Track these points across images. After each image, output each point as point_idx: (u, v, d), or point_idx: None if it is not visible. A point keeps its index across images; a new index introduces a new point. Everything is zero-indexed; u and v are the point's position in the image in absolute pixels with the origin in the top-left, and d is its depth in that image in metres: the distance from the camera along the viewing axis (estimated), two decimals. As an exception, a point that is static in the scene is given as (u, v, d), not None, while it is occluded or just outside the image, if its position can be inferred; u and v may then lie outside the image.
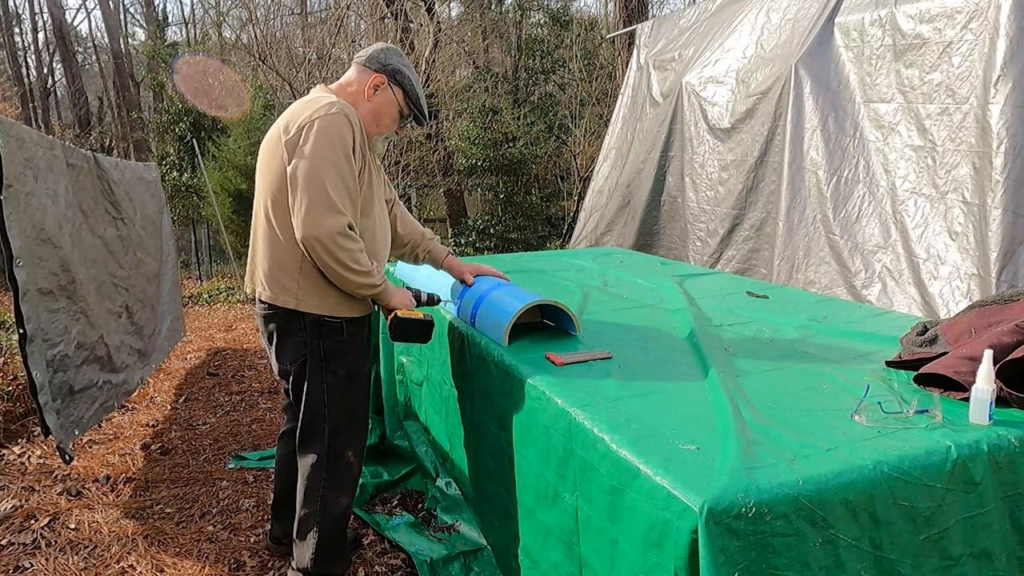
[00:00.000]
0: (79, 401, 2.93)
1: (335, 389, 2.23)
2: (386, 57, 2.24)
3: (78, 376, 2.92)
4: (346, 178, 2.06)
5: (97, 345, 3.18)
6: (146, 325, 4.02)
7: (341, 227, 2.02)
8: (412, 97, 2.27)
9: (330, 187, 2.01)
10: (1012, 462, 1.52)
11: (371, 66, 2.23)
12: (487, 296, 2.39)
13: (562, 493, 1.78)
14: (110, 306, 3.47)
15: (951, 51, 3.40)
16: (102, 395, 3.18)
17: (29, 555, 2.70)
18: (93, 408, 3.06)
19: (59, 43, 18.34)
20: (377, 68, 2.22)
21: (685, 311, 2.60)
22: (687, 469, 1.41)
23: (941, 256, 3.34)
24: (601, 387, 1.86)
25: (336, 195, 2.02)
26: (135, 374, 3.71)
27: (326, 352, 2.19)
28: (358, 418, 2.33)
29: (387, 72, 2.22)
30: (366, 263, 2.10)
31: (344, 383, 2.24)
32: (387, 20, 11.57)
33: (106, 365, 3.27)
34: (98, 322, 3.22)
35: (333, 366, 2.21)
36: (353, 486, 2.37)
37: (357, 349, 2.26)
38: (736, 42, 4.82)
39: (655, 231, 5.49)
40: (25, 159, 2.59)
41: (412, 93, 2.26)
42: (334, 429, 2.25)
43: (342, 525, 2.34)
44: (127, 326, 3.69)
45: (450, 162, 11.52)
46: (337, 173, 2.04)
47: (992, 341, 1.73)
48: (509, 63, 13.33)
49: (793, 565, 1.32)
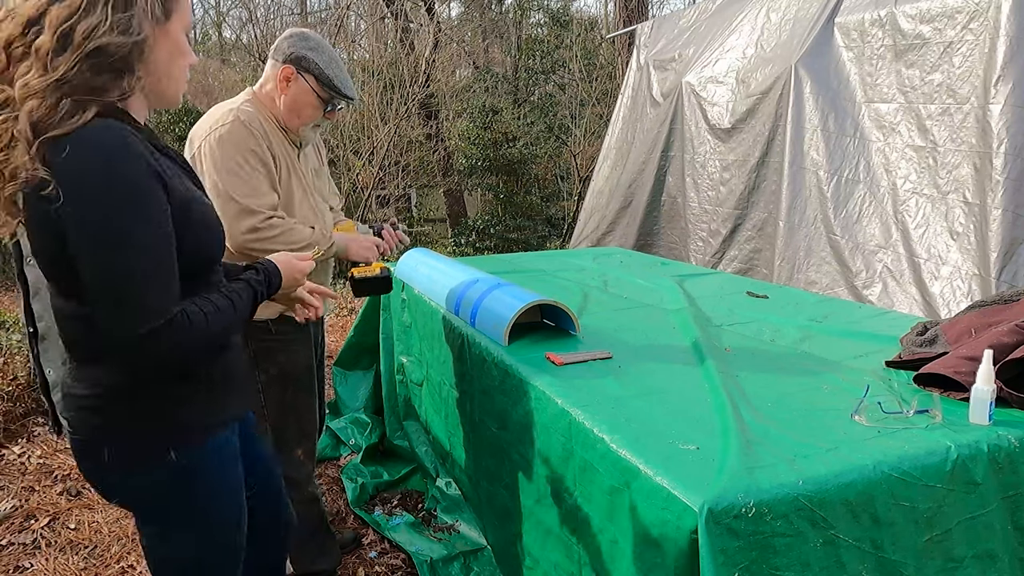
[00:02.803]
0: None
1: (270, 388, 2.21)
2: (289, 45, 2.14)
3: None
4: (249, 175, 2.03)
5: None
6: None
7: (252, 225, 2.00)
8: (324, 81, 2.13)
9: (234, 194, 2.00)
10: (1012, 462, 1.52)
11: (278, 58, 2.14)
12: (487, 296, 2.39)
13: (562, 493, 1.77)
14: None
15: (951, 51, 3.40)
16: None
17: (29, 555, 2.70)
18: None
19: (59, 43, 18.38)
20: (284, 59, 2.13)
21: (685, 311, 2.60)
22: (687, 469, 1.41)
23: (942, 256, 3.34)
24: (601, 387, 1.86)
25: (242, 196, 2.00)
26: None
27: (255, 352, 2.16)
28: (302, 416, 2.32)
29: (293, 61, 2.12)
30: (301, 236, 2.07)
31: (279, 381, 2.22)
32: (387, 20, 11.58)
33: None
34: None
35: (265, 365, 2.19)
36: (307, 482, 2.36)
37: (290, 347, 2.24)
38: (736, 42, 4.82)
39: (655, 231, 5.49)
40: None
41: (323, 77, 2.14)
42: (276, 427, 2.23)
43: (311, 523, 2.34)
44: None
45: (450, 162, 11.52)
46: (236, 176, 2.01)
47: (992, 341, 1.73)
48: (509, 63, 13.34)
49: (793, 565, 1.32)
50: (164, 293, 1.17)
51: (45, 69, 1.11)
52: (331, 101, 2.20)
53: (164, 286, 1.17)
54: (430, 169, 11.70)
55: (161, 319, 1.15)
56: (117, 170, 1.13)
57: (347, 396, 3.61)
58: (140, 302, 1.14)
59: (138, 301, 1.14)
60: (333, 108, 2.23)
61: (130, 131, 1.18)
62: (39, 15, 1.12)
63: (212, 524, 1.38)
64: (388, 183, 10.75)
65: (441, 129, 11.60)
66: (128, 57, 1.17)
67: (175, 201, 1.21)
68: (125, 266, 1.13)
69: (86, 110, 1.13)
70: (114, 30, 1.13)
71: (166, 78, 1.26)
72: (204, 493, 1.34)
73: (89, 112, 1.14)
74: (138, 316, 1.14)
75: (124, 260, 1.13)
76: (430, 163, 11.65)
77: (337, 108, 2.26)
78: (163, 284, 1.17)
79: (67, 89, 1.12)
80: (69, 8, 1.11)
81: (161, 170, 1.20)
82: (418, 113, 10.97)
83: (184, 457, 1.30)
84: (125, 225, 1.13)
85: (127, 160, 1.14)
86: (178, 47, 1.26)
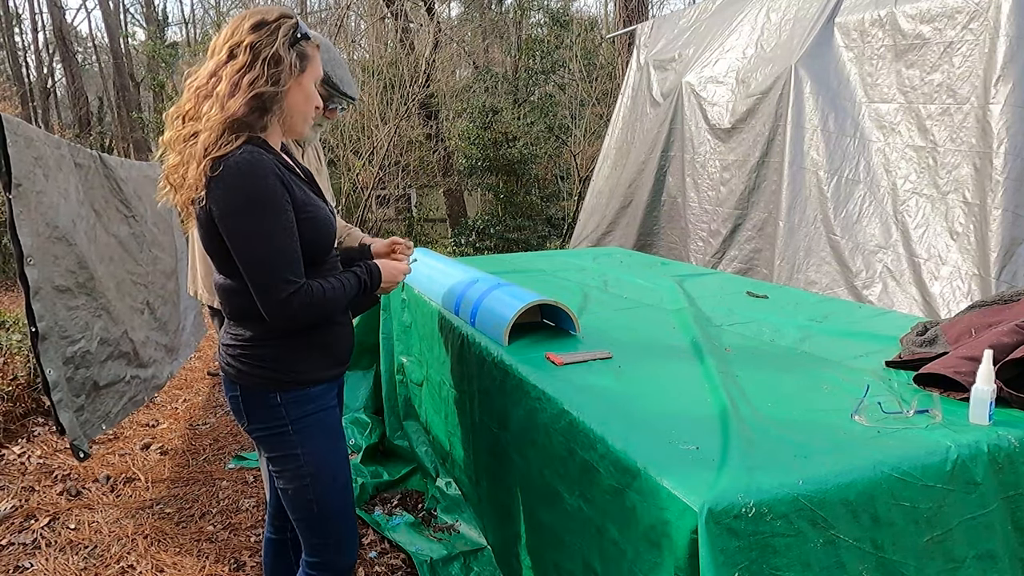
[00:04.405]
0: (105, 396, 2.94)
1: None
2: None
3: (103, 372, 2.94)
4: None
5: (122, 340, 3.19)
6: (169, 321, 4.03)
7: None
8: (325, 79, 2.14)
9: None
10: (1012, 462, 1.52)
11: None
12: (487, 296, 2.39)
13: (562, 493, 1.77)
14: (131, 303, 3.48)
15: (951, 51, 3.40)
16: (130, 390, 3.20)
17: (29, 555, 2.70)
18: (121, 403, 3.08)
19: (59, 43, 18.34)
20: None
21: (685, 311, 2.60)
22: (687, 469, 1.41)
23: (942, 256, 3.34)
24: (601, 387, 1.86)
25: None
26: (164, 368, 3.72)
27: None
28: None
29: None
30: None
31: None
32: (387, 20, 11.57)
33: (133, 360, 3.29)
34: (121, 318, 3.23)
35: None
36: None
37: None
38: (736, 42, 4.82)
39: (655, 231, 5.49)
40: (35, 158, 2.59)
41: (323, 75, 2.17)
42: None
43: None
44: (151, 322, 3.71)
45: (450, 162, 11.51)
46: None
47: (992, 341, 1.73)
48: (509, 63, 13.32)
49: (794, 565, 1.32)
50: (290, 271, 1.55)
51: (221, 108, 1.51)
52: (331, 99, 2.21)
53: (290, 265, 1.55)
54: (430, 169, 11.69)
55: (292, 288, 1.54)
56: (252, 183, 1.50)
57: (347, 396, 3.60)
58: (276, 277, 1.53)
59: (273, 277, 1.53)
60: (335, 107, 2.24)
61: (265, 154, 1.55)
62: (218, 69, 1.54)
63: (319, 463, 1.71)
64: (388, 183, 10.74)
65: (441, 129, 11.59)
66: (273, 101, 1.56)
67: (295, 204, 1.57)
68: (261, 252, 1.52)
69: (238, 139, 1.52)
70: (268, 82, 1.54)
71: (296, 116, 1.64)
72: (303, 433, 1.68)
73: (240, 140, 1.53)
74: (276, 287, 1.54)
75: (260, 248, 1.52)
76: (430, 163, 11.64)
77: (339, 108, 2.26)
78: (289, 264, 1.55)
79: (229, 124, 1.52)
80: (239, 64, 1.52)
81: (286, 181, 1.56)
82: (418, 113, 10.96)
83: (287, 399, 1.66)
84: (257, 223, 1.51)
85: (260, 176, 1.51)
86: (307, 94, 1.64)
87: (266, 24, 1.56)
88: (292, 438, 1.68)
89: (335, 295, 1.64)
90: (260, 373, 1.65)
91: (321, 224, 1.64)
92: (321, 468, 1.71)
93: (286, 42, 1.56)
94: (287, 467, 1.70)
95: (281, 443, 1.69)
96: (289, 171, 1.62)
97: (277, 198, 1.53)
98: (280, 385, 1.66)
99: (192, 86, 1.58)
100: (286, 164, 1.63)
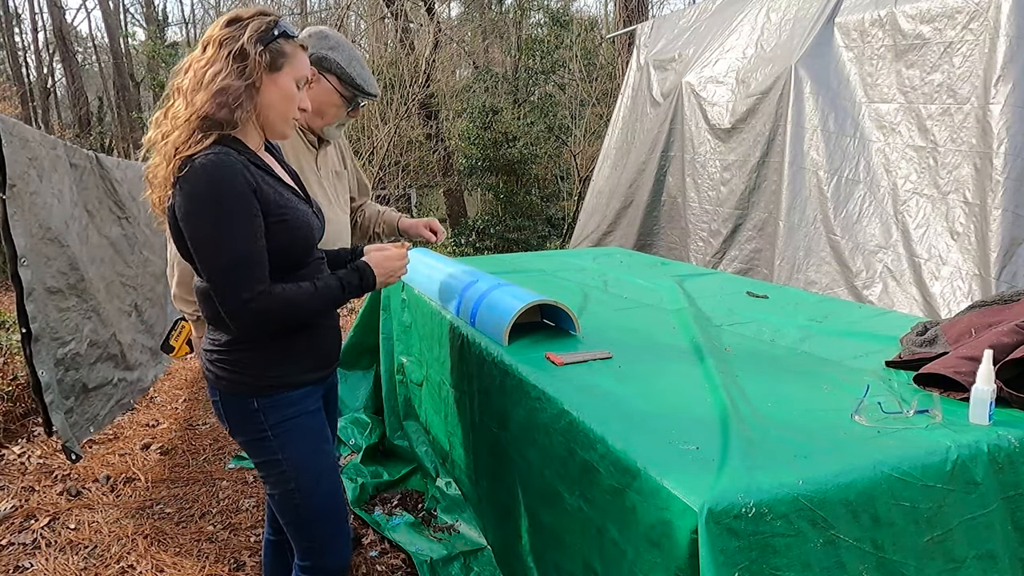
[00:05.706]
0: (94, 399, 2.94)
1: None
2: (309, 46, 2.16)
3: (92, 374, 2.94)
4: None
5: (110, 343, 3.19)
6: (156, 323, 4.03)
7: None
8: (347, 80, 2.15)
9: None
10: (1012, 462, 1.52)
11: None
12: (487, 296, 2.39)
13: (562, 493, 1.77)
14: (120, 304, 3.48)
15: (952, 51, 3.40)
16: (118, 392, 3.20)
17: (29, 555, 2.70)
18: (109, 406, 3.08)
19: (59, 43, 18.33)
20: None
21: (685, 311, 2.60)
22: (687, 469, 1.41)
23: (943, 256, 3.34)
24: (601, 387, 1.86)
25: None
26: (149, 372, 3.72)
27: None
28: None
29: (313, 62, 2.09)
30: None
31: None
32: (387, 20, 11.58)
33: (120, 363, 3.29)
34: (110, 320, 3.23)
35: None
36: None
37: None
38: (736, 42, 4.82)
39: (656, 231, 5.49)
40: (29, 159, 2.60)
41: (345, 76, 2.14)
42: None
43: None
44: (138, 324, 3.71)
45: (450, 162, 11.51)
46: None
47: (992, 341, 1.73)
48: (509, 63, 13.32)
49: (794, 566, 1.32)
50: (252, 275, 1.50)
51: (188, 104, 1.51)
52: (354, 99, 2.20)
53: (252, 269, 1.50)
54: (430, 169, 11.69)
55: (252, 292, 1.49)
56: (215, 185, 1.46)
57: (347, 396, 3.61)
58: (235, 281, 1.49)
59: (232, 281, 1.49)
60: (357, 106, 2.23)
61: (235, 154, 1.51)
62: (191, 65, 1.54)
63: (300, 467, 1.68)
64: (388, 183, 10.74)
65: (441, 129, 11.59)
66: (239, 96, 1.52)
67: (267, 206, 1.53)
68: (220, 255, 1.48)
69: (208, 137, 1.49)
70: (231, 76, 1.51)
71: (272, 115, 1.60)
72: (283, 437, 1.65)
73: (210, 139, 1.50)
74: (235, 292, 1.49)
75: (219, 251, 1.48)
76: (430, 163, 11.64)
77: (361, 105, 2.26)
78: (251, 268, 1.50)
79: (200, 122, 1.49)
80: (205, 59, 1.52)
81: (257, 183, 1.53)
82: (418, 113, 10.96)
83: (264, 404, 1.63)
84: (217, 225, 1.47)
85: (224, 178, 1.47)
86: (285, 93, 1.60)
87: (239, 21, 1.55)
88: (272, 443, 1.65)
89: (304, 300, 1.58)
90: (236, 378, 1.63)
91: (296, 227, 1.59)
92: (303, 473, 1.68)
93: (254, 37, 1.53)
94: (271, 472, 1.68)
95: (262, 449, 1.67)
96: (265, 172, 1.58)
97: (241, 200, 1.48)
98: (256, 390, 1.63)
99: (173, 84, 1.58)
100: (262, 165, 1.59)
